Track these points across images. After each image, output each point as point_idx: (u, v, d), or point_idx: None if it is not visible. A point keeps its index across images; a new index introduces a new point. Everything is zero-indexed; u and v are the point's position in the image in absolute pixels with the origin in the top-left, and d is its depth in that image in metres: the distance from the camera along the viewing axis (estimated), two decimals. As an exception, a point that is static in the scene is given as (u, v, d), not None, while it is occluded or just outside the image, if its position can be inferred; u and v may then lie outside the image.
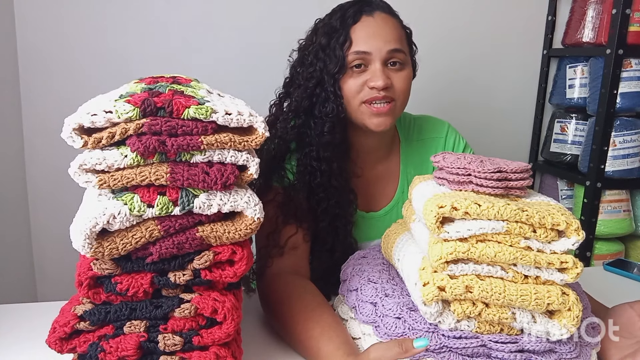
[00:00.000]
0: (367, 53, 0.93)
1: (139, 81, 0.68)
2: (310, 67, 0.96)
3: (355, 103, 0.95)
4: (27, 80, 1.57)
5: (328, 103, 0.94)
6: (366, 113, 0.95)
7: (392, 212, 1.06)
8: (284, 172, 0.96)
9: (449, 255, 0.63)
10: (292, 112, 0.97)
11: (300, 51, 1.01)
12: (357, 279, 0.80)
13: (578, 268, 0.64)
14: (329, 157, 0.95)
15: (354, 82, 0.94)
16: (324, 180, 0.95)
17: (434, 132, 1.11)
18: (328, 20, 0.98)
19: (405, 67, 0.96)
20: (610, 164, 1.73)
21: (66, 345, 0.62)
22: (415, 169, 1.08)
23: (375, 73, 0.93)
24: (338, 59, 0.93)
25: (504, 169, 0.68)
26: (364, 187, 1.05)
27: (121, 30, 1.60)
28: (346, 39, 0.93)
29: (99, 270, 0.60)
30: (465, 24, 1.88)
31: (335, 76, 0.93)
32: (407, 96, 0.98)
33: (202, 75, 0.79)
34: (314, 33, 0.99)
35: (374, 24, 0.94)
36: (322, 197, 0.96)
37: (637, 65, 1.69)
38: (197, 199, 0.60)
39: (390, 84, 0.94)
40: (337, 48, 0.93)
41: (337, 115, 0.94)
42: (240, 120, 0.62)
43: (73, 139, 0.58)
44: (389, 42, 0.93)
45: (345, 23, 0.94)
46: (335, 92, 0.94)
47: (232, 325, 0.62)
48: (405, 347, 0.63)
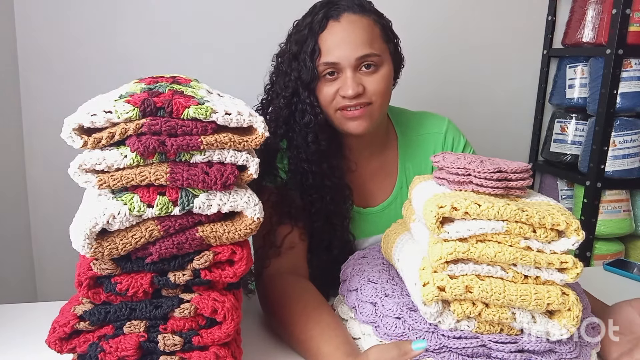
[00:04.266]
0: (336, 63, 0.92)
1: (138, 81, 0.68)
2: (286, 77, 0.96)
3: (331, 111, 0.95)
4: (27, 80, 1.57)
5: (306, 114, 0.94)
6: (342, 119, 0.95)
7: (390, 207, 1.06)
8: (277, 172, 0.97)
9: (449, 256, 0.63)
10: (272, 122, 0.97)
11: (277, 57, 1.01)
12: (357, 279, 0.80)
13: (578, 268, 0.64)
14: (318, 159, 0.95)
15: (327, 90, 0.94)
16: (316, 181, 0.95)
17: (433, 127, 1.10)
18: (300, 25, 0.97)
19: (380, 67, 0.94)
20: (610, 164, 1.73)
21: (66, 345, 0.62)
22: (414, 164, 1.07)
23: (346, 82, 0.92)
24: (309, 69, 0.92)
25: (504, 169, 0.68)
26: (360, 183, 1.04)
27: (121, 30, 1.60)
28: (315, 48, 0.92)
29: (98, 270, 0.60)
30: (465, 24, 1.87)
31: (309, 87, 0.94)
32: (387, 95, 0.97)
33: (201, 75, 0.79)
34: (288, 39, 0.99)
35: (340, 31, 0.92)
36: (316, 198, 0.96)
37: (637, 65, 1.69)
38: (196, 199, 0.60)
39: (363, 90, 0.93)
40: (307, 59, 0.92)
41: (317, 124, 0.94)
42: (240, 120, 0.62)
43: (73, 139, 0.58)
44: (357, 48, 0.91)
45: (313, 31, 0.93)
46: (311, 102, 0.94)
47: (231, 325, 0.62)
48: (404, 350, 0.63)
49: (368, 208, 1.05)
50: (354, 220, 1.03)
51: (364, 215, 1.04)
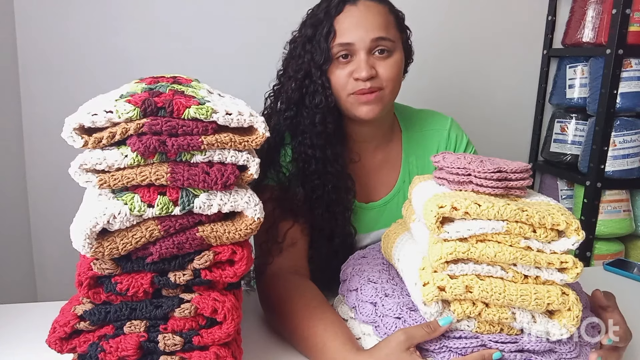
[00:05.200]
0: (351, 44, 0.93)
1: (139, 81, 0.68)
2: (299, 59, 0.96)
3: (343, 95, 0.95)
4: (27, 80, 1.57)
5: (317, 95, 0.95)
6: (354, 103, 0.95)
7: (392, 201, 1.06)
8: (279, 169, 0.97)
9: (449, 255, 0.63)
10: (284, 104, 0.98)
11: (291, 43, 1.01)
12: (357, 279, 0.80)
13: (578, 268, 0.64)
14: (323, 144, 0.96)
15: (340, 73, 0.94)
16: (318, 167, 0.96)
17: (437, 124, 1.11)
18: (315, 10, 0.98)
19: (393, 53, 0.95)
20: (610, 164, 1.73)
21: (66, 345, 0.62)
22: (418, 159, 1.08)
23: (360, 64, 0.92)
24: (323, 50, 0.93)
25: (504, 169, 0.68)
26: (363, 175, 1.05)
27: (122, 30, 1.60)
28: (330, 30, 0.93)
29: (99, 270, 0.60)
30: (465, 24, 1.88)
31: (322, 68, 0.94)
32: (397, 82, 0.98)
33: (202, 75, 0.79)
34: (302, 25, 1.00)
35: (357, 14, 0.94)
36: (318, 184, 0.96)
37: (637, 65, 1.69)
38: (197, 199, 0.60)
39: (376, 74, 0.93)
40: (321, 40, 0.93)
41: (326, 106, 0.95)
42: (241, 121, 0.62)
43: (73, 139, 0.58)
44: (373, 30, 0.93)
45: (329, 14, 0.94)
46: (323, 83, 0.94)
47: (232, 325, 0.62)
48: (433, 327, 0.65)
49: (370, 202, 1.06)
50: (356, 214, 1.03)
51: (366, 209, 1.05)
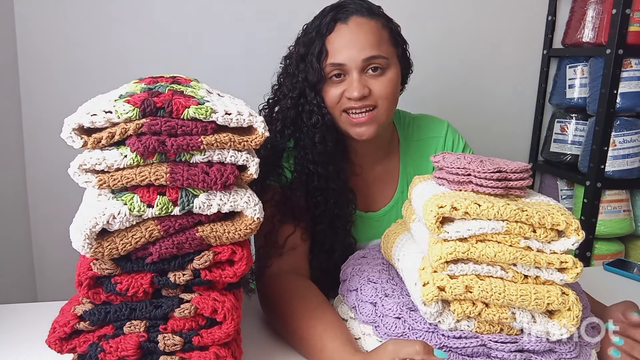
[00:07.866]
0: (343, 64, 0.92)
1: (138, 81, 0.68)
2: (293, 78, 0.96)
3: (336, 112, 0.95)
4: (27, 80, 1.57)
5: (313, 115, 0.94)
6: (347, 123, 0.95)
7: (391, 212, 1.06)
8: (282, 171, 0.97)
9: (449, 255, 0.63)
10: (280, 122, 0.97)
11: (286, 59, 1.01)
12: (357, 279, 0.80)
13: (578, 268, 0.64)
14: (325, 161, 0.95)
15: (333, 92, 0.94)
16: (321, 183, 0.95)
17: (433, 131, 1.10)
18: (309, 27, 0.97)
19: (387, 70, 0.94)
20: (610, 164, 1.73)
21: (66, 345, 0.62)
22: (415, 168, 1.08)
23: (352, 84, 0.92)
24: (316, 70, 0.93)
25: (503, 169, 0.68)
26: (363, 188, 1.05)
27: (121, 30, 1.60)
28: (322, 50, 0.93)
29: (98, 270, 0.60)
30: (465, 24, 1.88)
31: (315, 88, 0.94)
32: (393, 99, 0.97)
33: (201, 75, 0.79)
34: (296, 41, 0.99)
35: (347, 33, 0.93)
36: (320, 200, 0.96)
37: (637, 65, 1.69)
38: (196, 199, 0.60)
39: (369, 92, 0.92)
40: (314, 60, 0.93)
41: (324, 124, 0.94)
42: (240, 120, 0.62)
43: (73, 139, 0.58)
44: (364, 49, 0.91)
45: (320, 33, 0.94)
46: (318, 103, 0.94)
47: (232, 325, 0.62)
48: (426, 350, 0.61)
49: (370, 212, 1.06)
50: (356, 224, 1.03)
51: (366, 219, 1.05)
